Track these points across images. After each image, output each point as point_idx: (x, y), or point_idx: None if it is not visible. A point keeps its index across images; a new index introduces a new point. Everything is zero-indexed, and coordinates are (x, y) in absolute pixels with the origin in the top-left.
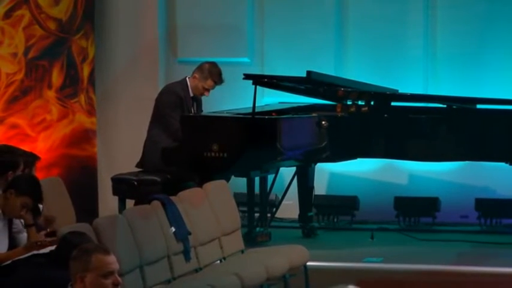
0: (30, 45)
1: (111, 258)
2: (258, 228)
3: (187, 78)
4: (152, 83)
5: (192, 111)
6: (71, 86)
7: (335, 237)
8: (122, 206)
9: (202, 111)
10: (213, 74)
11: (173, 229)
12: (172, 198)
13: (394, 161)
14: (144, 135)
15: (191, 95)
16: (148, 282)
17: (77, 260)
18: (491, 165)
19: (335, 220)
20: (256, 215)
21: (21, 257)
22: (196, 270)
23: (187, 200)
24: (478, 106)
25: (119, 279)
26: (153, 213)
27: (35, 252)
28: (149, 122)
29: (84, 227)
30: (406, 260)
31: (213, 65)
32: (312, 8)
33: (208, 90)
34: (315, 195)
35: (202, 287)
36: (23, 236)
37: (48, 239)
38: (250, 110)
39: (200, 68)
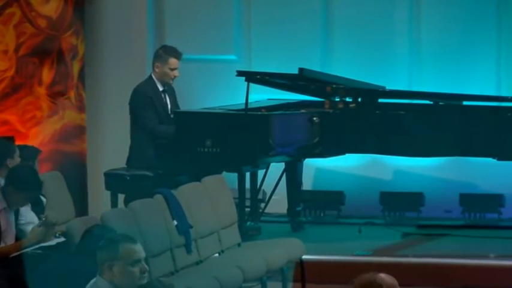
0: (21, 42)
1: (138, 247)
2: (248, 223)
3: (151, 74)
4: (142, 80)
5: (168, 105)
6: (61, 83)
7: (323, 232)
8: (114, 200)
9: (176, 99)
10: (169, 51)
11: (175, 222)
12: (173, 192)
13: (379, 157)
14: None
15: (161, 89)
16: (153, 274)
17: (105, 249)
18: (475, 161)
19: (321, 215)
20: (246, 210)
21: (28, 249)
22: (197, 263)
23: (188, 194)
24: (464, 103)
25: (146, 266)
26: (157, 207)
27: (42, 244)
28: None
29: (92, 220)
30: (394, 254)
31: (163, 45)
32: (299, 6)
33: (175, 69)
34: (301, 190)
35: (208, 280)
36: (30, 228)
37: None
38: (242, 107)
39: (155, 56)
